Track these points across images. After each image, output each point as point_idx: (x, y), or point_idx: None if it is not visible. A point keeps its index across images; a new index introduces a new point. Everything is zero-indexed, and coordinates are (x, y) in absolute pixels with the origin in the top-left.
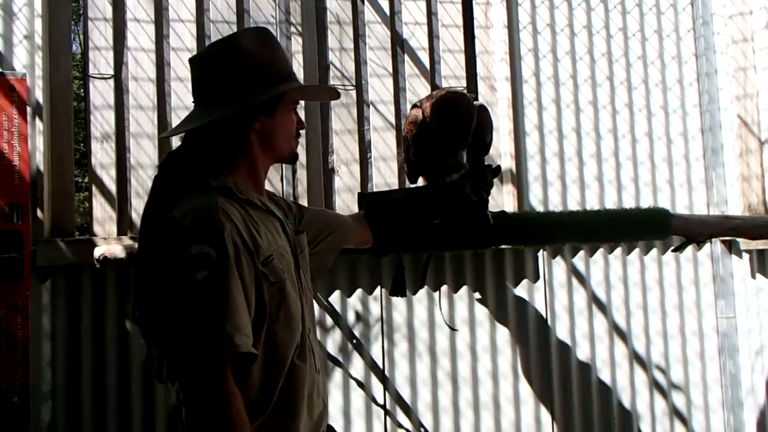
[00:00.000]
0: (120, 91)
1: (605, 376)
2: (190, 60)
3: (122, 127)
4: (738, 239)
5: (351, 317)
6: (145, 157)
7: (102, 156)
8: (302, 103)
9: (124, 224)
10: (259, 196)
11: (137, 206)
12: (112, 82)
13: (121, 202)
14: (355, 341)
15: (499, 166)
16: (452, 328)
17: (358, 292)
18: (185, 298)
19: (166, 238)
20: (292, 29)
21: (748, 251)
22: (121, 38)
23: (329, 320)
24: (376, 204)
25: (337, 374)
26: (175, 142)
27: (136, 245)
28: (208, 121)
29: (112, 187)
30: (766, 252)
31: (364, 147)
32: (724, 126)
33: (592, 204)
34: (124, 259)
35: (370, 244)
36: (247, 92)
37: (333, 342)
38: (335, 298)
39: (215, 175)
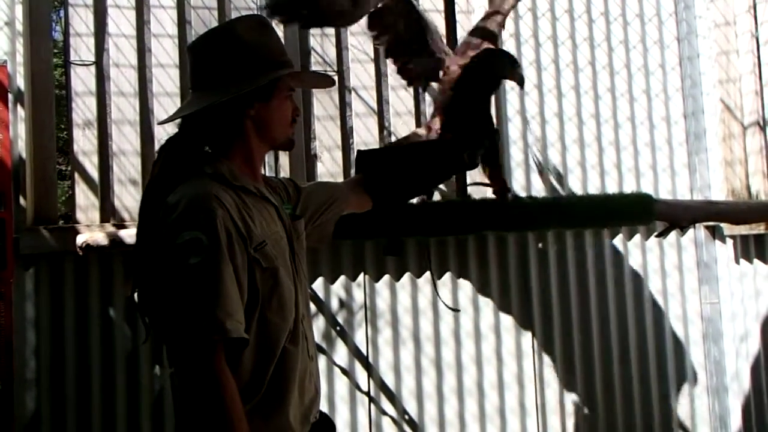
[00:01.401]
0: (101, 77)
1: (596, 365)
2: (188, 47)
3: (104, 114)
4: (722, 224)
5: (334, 304)
6: (127, 144)
7: (84, 143)
8: None
9: (106, 211)
10: (254, 183)
11: (120, 193)
12: (93, 68)
13: (103, 189)
14: (338, 328)
15: (497, 130)
16: (455, 310)
17: (342, 278)
18: (178, 284)
19: (161, 224)
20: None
21: (732, 236)
22: (102, 24)
23: (313, 307)
24: (372, 164)
25: (321, 361)
26: (168, 129)
27: (119, 233)
28: (203, 106)
29: (94, 174)
30: (750, 237)
31: (347, 133)
32: (707, 111)
33: (575, 189)
34: (107, 247)
35: (369, 208)
36: (243, 78)
37: (317, 329)
38: (318, 284)
39: (210, 162)
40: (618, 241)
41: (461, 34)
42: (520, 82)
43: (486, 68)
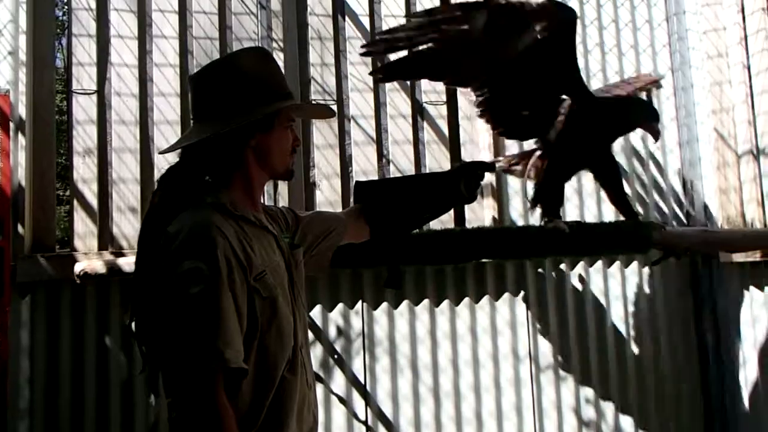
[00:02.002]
0: (103, 106)
1: (588, 390)
2: (190, 78)
3: (104, 142)
4: (717, 252)
5: (332, 332)
6: (127, 172)
7: (84, 170)
8: None
9: (105, 239)
10: (254, 213)
11: (119, 221)
12: (95, 97)
13: (102, 217)
14: (336, 356)
15: (494, 163)
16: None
17: (340, 306)
18: (178, 313)
19: (161, 253)
20: (274, 45)
21: (728, 263)
22: (104, 54)
23: (311, 335)
24: (370, 195)
25: (319, 390)
26: (169, 158)
27: (117, 261)
28: (205, 137)
29: (93, 201)
30: (746, 265)
31: (345, 161)
32: (701, 139)
33: (573, 217)
34: (105, 275)
35: (366, 238)
36: (245, 110)
37: (314, 357)
38: (316, 312)
39: (211, 192)
40: (615, 267)
41: None
42: (656, 135)
43: (626, 112)
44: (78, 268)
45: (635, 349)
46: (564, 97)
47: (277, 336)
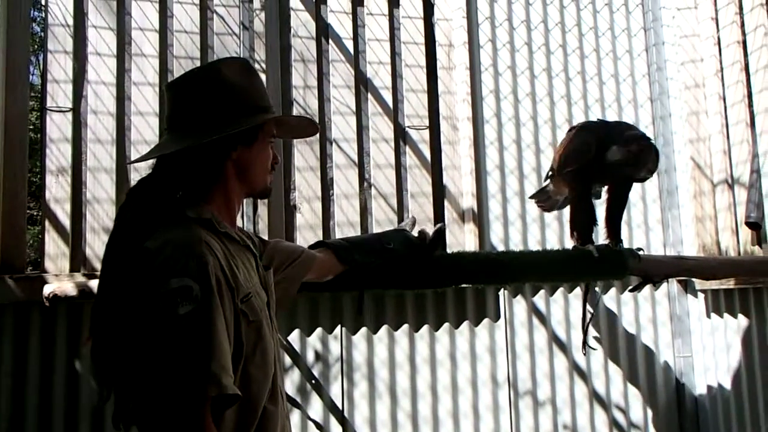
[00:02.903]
0: (78, 124)
1: (566, 416)
2: (167, 86)
3: (79, 161)
4: (693, 279)
5: (310, 356)
6: (102, 191)
7: (57, 190)
8: None
9: (77, 261)
10: (236, 230)
11: (92, 242)
12: (70, 115)
13: (75, 237)
14: (314, 381)
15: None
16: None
17: (318, 330)
18: (165, 335)
19: (138, 271)
20: (257, 66)
21: (703, 291)
22: (81, 71)
23: (288, 360)
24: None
25: (295, 416)
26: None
27: (89, 283)
28: (186, 146)
29: (66, 222)
30: (720, 292)
31: (327, 184)
32: (679, 168)
33: (553, 243)
34: (76, 297)
35: (333, 275)
36: (227, 120)
37: (291, 382)
38: (294, 336)
39: (192, 206)
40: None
41: (442, 89)
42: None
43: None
44: (47, 290)
45: (614, 376)
46: None
47: (261, 362)
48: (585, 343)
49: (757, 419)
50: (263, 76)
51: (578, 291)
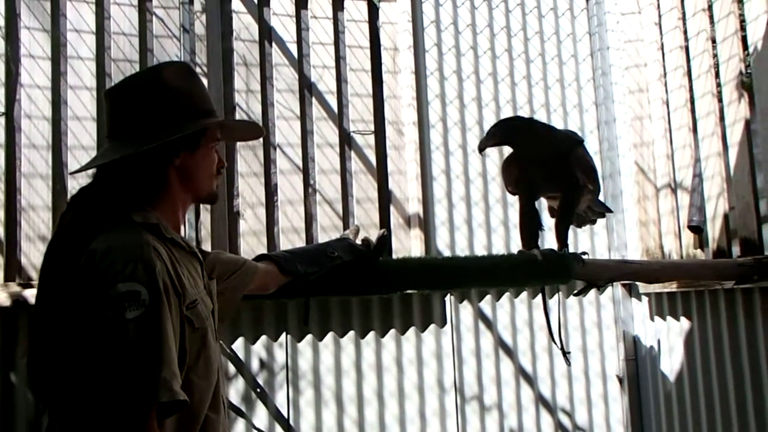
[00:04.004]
0: (11, 129)
1: (513, 420)
2: (106, 92)
3: (13, 167)
4: (637, 283)
5: (255, 364)
6: (37, 198)
7: None
8: None
9: (12, 270)
10: (183, 237)
11: (27, 251)
12: (2, 119)
13: (9, 246)
14: (259, 390)
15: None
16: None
17: (263, 338)
18: (112, 340)
19: (83, 274)
20: (198, 70)
21: (647, 294)
22: (15, 74)
23: (232, 368)
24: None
25: (240, 425)
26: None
27: (24, 293)
28: (128, 153)
29: (0, 230)
30: (664, 295)
31: (271, 190)
32: (623, 172)
33: (499, 248)
34: (10, 308)
35: (276, 287)
36: (169, 126)
37: (236, 391)
38: (238, 344)
39: (137, 210)
40: (540, 299)
41: (387, 93)
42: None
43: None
44: None
45: (560, 379)
46: None
47: (204, 370)
48: (563, 350)
49: (698, 419)
50: (205, 81)
51: (524, 296)
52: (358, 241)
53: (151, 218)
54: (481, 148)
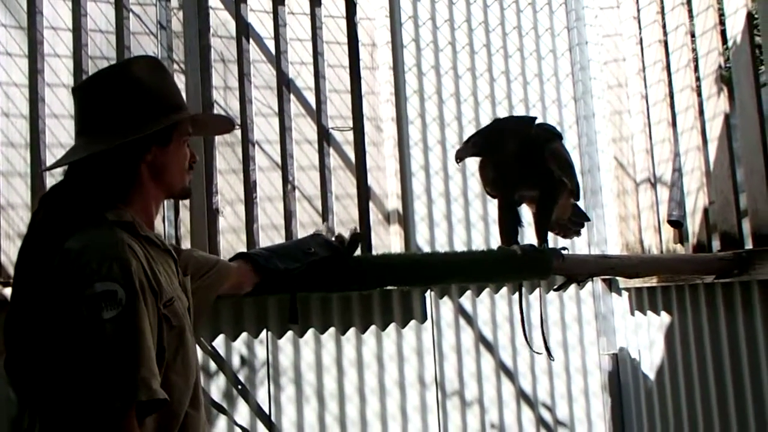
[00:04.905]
0: None
1: (493, 415)
2: (74, 89)
3: None
4: (617, 278)
5: (236, 361)
6: (16, 197)
7: None
8: None
9: None
10: (157, 234)
11: (7, 249)
12: None
13: None
14: (240, 386)
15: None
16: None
17: (243, 335)
18: (89, 340)
19: (58, 274)
20: (175, 67)
21: (627, 289)
22: None
23: (213, 365)
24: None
25: (222, 422)
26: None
27: (4, 291)
28: (99, 150)
29: None
30: (644, 290)
31: (250, 187)
32: (602, 168)
33: (478, 244)
34: None
35: (250, 287)
36: (140, 121)
37: (217, 388)
38: (219, 341)
39: (110, 208)
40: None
41: (365, 89)
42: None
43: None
44: None
45: (541, 375)
46: None
47: (182, 369)
48: (546, 346)
49: (679, 413)
50: (182, 77)
51: (504, 291)
52: (332, 238)
53: (126, 216)
54: (458, 157)
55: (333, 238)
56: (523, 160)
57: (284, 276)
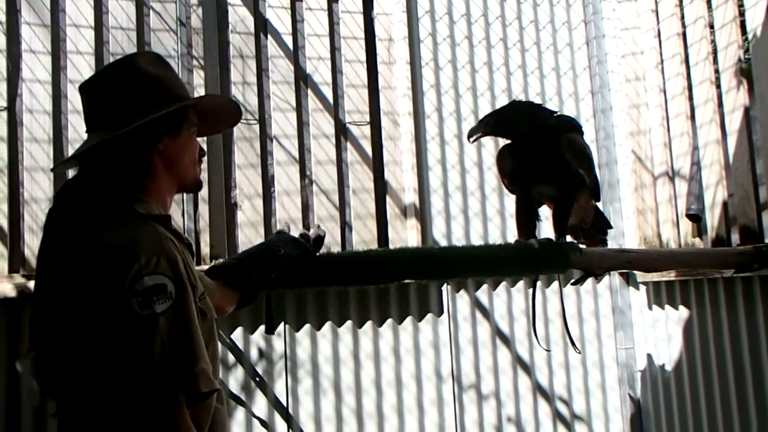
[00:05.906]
0: (14, 123)
1: (510, 409)
2: (81, 86)
3: (15, 161)
4: (634, 272)
5: (254, 354)
6: (39, 191)
7: None
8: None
9: (15, 261)
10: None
11: (30, 242)
12: (5, 114)
13: (13, 238)
14: (258, 379)
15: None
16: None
17: (261, 328)
18: (142, 334)
19: (95, 270)
20: (195, 63)
21: (645, 283)
22: (15, 69)
23: (231, 358)
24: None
25: (240, 413)
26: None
27: (29, 284)
28: (108, 137)
29: (3, 222)
30: (661, 284)
31: (268, 181)
32: (620, 161)
33: (495, 237)
34: (15, 299)
35: (232, 307)
36: (147, 108)
37: (235, 380)
38: (237, 334)
39: (134, 201)
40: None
41: (382, 84)
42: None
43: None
44: None
45: (557, 368)
46: None
47: (212, 361)
48: (572, 341)
49: (698, 408)
50: (201, 73)
51: (521, 285)
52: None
53: (153, 209)
54: (471, 135)
55: (297, 235)
56: (538, 148)
57: (262, 285)
